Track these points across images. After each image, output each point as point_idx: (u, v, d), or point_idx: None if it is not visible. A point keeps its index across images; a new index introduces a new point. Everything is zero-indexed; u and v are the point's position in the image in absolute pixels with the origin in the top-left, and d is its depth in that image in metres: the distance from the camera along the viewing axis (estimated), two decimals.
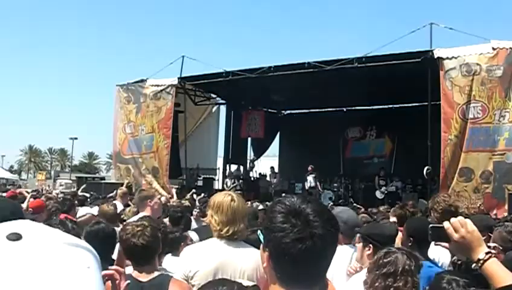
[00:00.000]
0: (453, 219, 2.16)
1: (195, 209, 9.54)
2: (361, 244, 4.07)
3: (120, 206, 9.47)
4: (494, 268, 2.05)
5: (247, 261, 3.60)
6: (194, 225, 8.11)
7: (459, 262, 4.03)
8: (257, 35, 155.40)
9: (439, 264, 4.68)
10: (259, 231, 1.72)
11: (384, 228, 4.43)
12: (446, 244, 4.09)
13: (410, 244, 4.08)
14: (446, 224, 2.16)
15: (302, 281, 1.61)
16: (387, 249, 3.19)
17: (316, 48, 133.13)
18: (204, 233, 4.98)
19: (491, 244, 2.96)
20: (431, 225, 2.42)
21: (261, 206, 10.23)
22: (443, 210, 4.90)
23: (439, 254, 4.74)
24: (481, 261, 2.07)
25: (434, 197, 5.25)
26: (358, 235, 4.27)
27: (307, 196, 1.89)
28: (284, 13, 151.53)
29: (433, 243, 4.06)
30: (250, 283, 2.09)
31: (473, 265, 2.11)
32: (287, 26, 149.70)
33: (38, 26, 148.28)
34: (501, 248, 4.24)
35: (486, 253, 2.08)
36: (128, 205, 9.28)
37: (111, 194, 13.64)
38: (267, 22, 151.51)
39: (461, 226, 2.11)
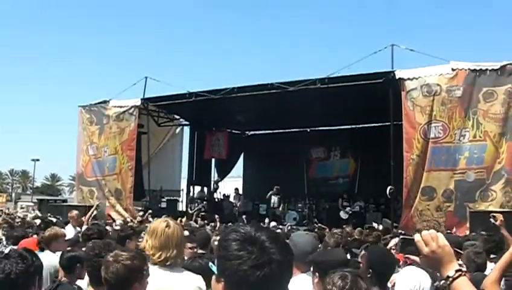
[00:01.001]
0: (424, 232, 2.08)
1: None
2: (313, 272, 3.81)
3: (71, 229, 9.31)
4: (464, 287, 1.99)
5: (184, 286, 3.57)
6: None
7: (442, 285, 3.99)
8: (221, 56, 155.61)
9: (421, 289, 4.64)
10: (210, 263, 1.68)
11: (331, 255, 4.12)
12: (416, 258, 4.08)
13: (369, 275, 3.98)
14: (417, 237, 2.08)
15: None
16: (332, 271, 3.11)
17: (279, 70, 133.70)
18: None
19: (459, 262, 2.92)
20: (402, 237, 2.39)
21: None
22: None
23: (420, 279, 4.67)
24: (450, 279, 2.00)
25: (425, 221, 5.32)
26: None
27: (258, 224, 1.86)
28: (248, 35, 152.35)
29: (413, 267, 4.02)
30: None
31: (442, 282, 2.05)
32: (250, 47, 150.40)
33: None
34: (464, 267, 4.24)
35: (457, 270, 2.01)
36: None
37: None
38: (230, 44, 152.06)
39: (432, 240, 2.03)
